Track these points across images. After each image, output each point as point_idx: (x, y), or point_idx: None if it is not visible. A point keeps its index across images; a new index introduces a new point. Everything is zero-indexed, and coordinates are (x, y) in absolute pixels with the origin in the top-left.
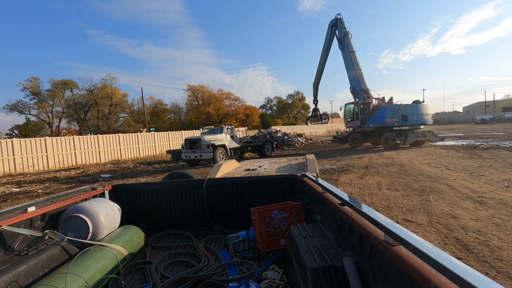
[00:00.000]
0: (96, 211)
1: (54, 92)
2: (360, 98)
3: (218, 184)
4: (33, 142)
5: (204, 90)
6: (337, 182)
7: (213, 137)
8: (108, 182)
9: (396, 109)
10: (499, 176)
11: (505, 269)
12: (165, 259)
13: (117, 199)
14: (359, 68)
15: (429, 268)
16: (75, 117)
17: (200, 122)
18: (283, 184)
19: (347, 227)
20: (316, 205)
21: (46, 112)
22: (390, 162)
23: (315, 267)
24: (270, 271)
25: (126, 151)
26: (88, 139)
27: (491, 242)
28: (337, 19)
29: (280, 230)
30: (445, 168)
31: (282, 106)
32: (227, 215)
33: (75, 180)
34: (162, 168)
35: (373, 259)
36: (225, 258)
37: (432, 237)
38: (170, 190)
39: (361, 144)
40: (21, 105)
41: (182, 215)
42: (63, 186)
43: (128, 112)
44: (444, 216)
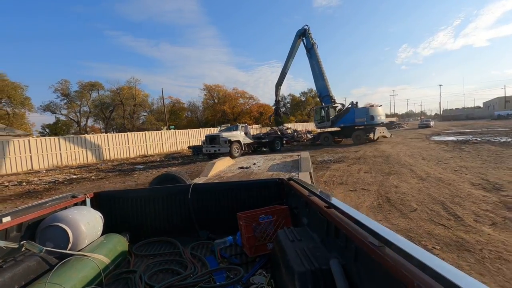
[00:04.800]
0: (77, 220)
1: (81, 93)
2: (326, 102)
3: (204, 189)
4: (75, 139)
5: (219, 89)
6: (328, 168)
7: (229, 134)
8: (143, 171)
9: (366, 111)
10: (459, 164)
11: (404, 209)
12: (150, 267)
13: (99, 207)
14: (325, 76)
15: (412, 267)
16: (100, 116)
17: (216, 120)
18: (270, 188)
19: (333, 229)
20: (302, 208)
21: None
22: (380, 154)
23: (303, 270)
24: (258, 276)
25: (151, 147)
26: (119, 136)
27: (405, 198)
28: (305, 29)
29: (267, 235)
30: (421, 158)
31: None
32: (214, 220)
33: (115, 170)
34: (186, 161)
35: (359, 261)
36: (211, 265)
37: (372, 197)
38: (154, 197)
39: (332, 141)
40: (53, 105)
41: (167, 221)
42: (109, 174)
43: (148, 111)
44: (390, 187)
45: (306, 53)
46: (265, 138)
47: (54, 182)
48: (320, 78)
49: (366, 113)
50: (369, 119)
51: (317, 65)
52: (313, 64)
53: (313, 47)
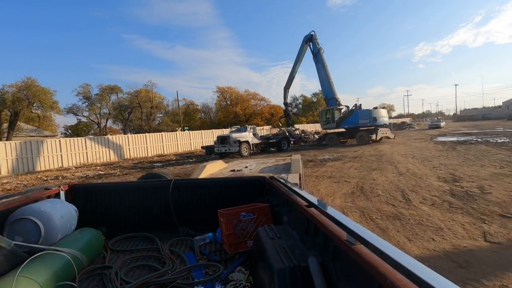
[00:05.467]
0: (49, 213)
1: (102, 96)
2: (332, 104)
3: (186, 185)
4: (100, 139)
5: (232, 91)
6: (324, 165)
7: (239, 134)
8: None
9: (368, 113)
10: (441, 162)
11: (370, 195)
12: (127, 263)
13: (74, 200)
14: (331, 80)
15: (386, 265)
16: (119, 117)
17: (228, 121)
18: (252, 186)
19: (313, 228)
20: (283, 207)
21: (95, 113)
22: (376, 153)
23: (281, 267)
24: (237, 272)
25: (167, 147)
26: (138, 137)
27: (376, 187)
28: (312, 35)
29: (247, 232)
30: (411, 157)
31: (307, 104)
32: (194, 216)
33: (136, 167)
34: (199, 160)
35: (337, 259)
36: (190, 261)
37: (350, 187)
38: (133, 191)
39: (337, 142)
40: (76, 108)
41: (146, 217)
42: (131, 170)
43: (163, 112)
44: (368, 180)
45: (313, 57)
46: (272, 139)
47: (86, 177)
48: (326, 81)
49: (369, 115)
50: (371, 120)
51: (323, 69)
52: (320, 68)
53: (319, 52)
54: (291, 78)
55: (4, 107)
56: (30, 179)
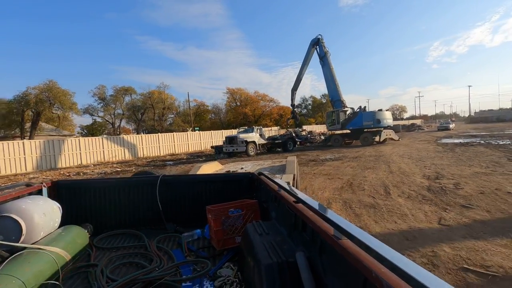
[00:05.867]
0: (31, 210)
1: (116, 97)
2: (337, 106)
3: (173, 181)
4: (115, 139)
5: (241, 92)
6: (324, 164)
7: (246, 135)
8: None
9: (372, 115)
10: (433, 162)
11: (357, 189)
12: (113, 260)
13: (58, 197)
14: (336, 82)
15: (371, 259)
16: (133, 118)
17: (238, 122)
18: (240, 182)
19: (300, 223)
20: (271, 202)
21: (110, 114)
22: (376, 154)
23: (269, 263)
24: (225, 268)
25: (179, 146)
26: (151, 137)
27: (363, 183)
28: (318, 39)
29: (235, 228)
30: (407, 158)
31: (316, 105)
32: (182, 213)
33: (150, 165)
34: (208, 159)
35: (324, 253)
36: (178, 258)
37: (341, 182)
38: (119, 187)
39: (342, 143)
40: (92, 108)
41: (132, 213)
42: (145, 168)
43: (175, 113)
44: (360, 177)
45: (319, 60)
46: (278, 139)
47: (104, 173)
48: (332, 84)
49: (373, 117)
50: (375, 122)
51: (329, 72)
52: (326, 71)
53: (326, 55)
54: (299, 80)
55: (28, 108)
56: (54, 175)
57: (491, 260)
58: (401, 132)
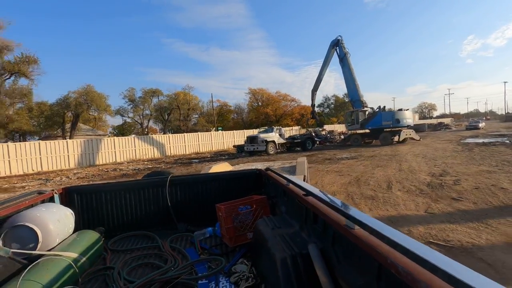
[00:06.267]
0: (45, 218)
1: (144, 98)
2: (357, 106)
3: (182, 181)
4: (145, 138)
5: (263, 92)
6: (338, 162)
7: (266, 135)
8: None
9: (391, 115)
10: (445, 161)
11: (362, 184)
12: (128, 262)
13: (70, 203)
14: (356, 82)
15: (385, 245)
16: (160, 118)
17: (260, 122)
18: (248, 179)
19: (311, 216)
20: (280, 197)
21: (139, 115)
22: (392, 153)
23: (283, 256)
24: (239, 264)
25: (203, 145)
26: (178, 136)
27: (370, 179)
28: (338, 40)
29: (246, 224)
30: (421, 157)
31: (339, 104)
32: (192, 212)
33: (177, 163)
34: (231, 157)
35: (336, 243)
36: (192, 256)
37: (349, 179)
38: (129, 190)
39: (361, 142)
40: (122, 109)
41: (144, 215)
42: (173, 165)
43: (199, 113)
44: (368, 174)
45: (339, 61)
46: (297, 139)
47: (138, 170)
48: (352, 84)
49: (392, 116)
50: (394, 122)
51: (349, 72)
52: (346, 72)
53: (345, 56)
54: (319, 81)
55: (68, 110)
56: (94, 171)
57: (454, 237)
58: (426, 131)
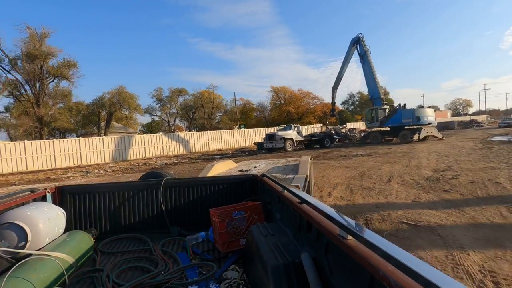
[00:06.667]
0: (36, 217)
1: (171, 98)
2: (377, 104)
3: (176, 185)
4: (171, 135)
5: (285, 90)
6: (351, 159)
7: (284, 132)
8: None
9: (412, 112)
10: (456, 158)
11: (365, 178)
12: (118, 265)
13: (62, 203)
14: (376, 80)
15: (378, 257)
16: (185, 116)
17: (282, 119)
18: (243, 184)
19: (305, 224)
20: (275, 204)
21: (166, 113)
22: (407, 151)
23: (276, 264)
24: (231, 271)
25: (225, 143)
26: (202, 134)
27: (374, 173)
28: (359, 37)
29: (240, 230)
30: (435, 154)
31: (364, 101)
32: (186, 216)
33: (201, 158)
34: (251, 154)
35: (329, 253)
36: (183, 261)
37: (355, 173)
38: (123, 192)
39: (381, 140)
40: (151, 108)
41: (137, 218)
42: (197, 160)
43: (222, 111)
44: (375, 169)
45: (359, 59)
46: (316, 136)
47: (165, 164)
48: (372, 81)
49: (412, 114)
50: (414, 120)
51: (370, 70)
52: (366, 69)
53: (366, 54)
54: (339, 79)
55: (103, 109)
56: (127, 164)
57: (425, 219)
58: (456, 129)
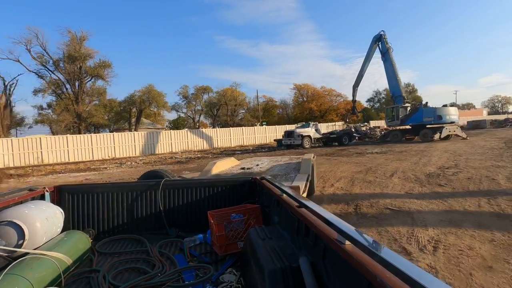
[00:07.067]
0: (33, 215)
1: (196, 95)
2: (398, 102)
3: (175, 186)
4: (196, 131)
5: (308, 87)
6: (364, 156)
7: (302, 130)
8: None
9: (433, 111)
10: (467, 157)
11: (370, 172)
12: (115, 266)
13: (60, 202)
14: (398, 78)
15: (375, 263)
16: (209, 113)
17: (304, 117)
18: (242, 187)
19: (303, 228)
20: (274, 207)
21: (191, 110)
22: (423, 149)
23: (273, 268)
24: (228, 274)
25: (247, 139)
26: (224, 130)
27: (379, 169)
28: (381, 35)
29: (238, 233)
30: (449, 153)
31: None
32: (184, 218)
33: (223, 154)
34: (270, 150)
35: (327, 258)
36: (180, 263)
37: (363, 168)
38: (121, 192)
39: (401, 139)
40: (177, 105)
41: (134, 218)
42: (219, 155)
43: (245, 109)
44: (383, 165)
45: (381, 57)
46: (334, 134)
47: (189, 158)
48: (394, 79)
49: (433, 113)
50: (436, 118)
51: (391, 67)
52: (387, 67)
53: (388, 51)
54: (360, 77)
55: (134, 106)
56: (155, 158)
57: (408, 206)
58: (487, 128)
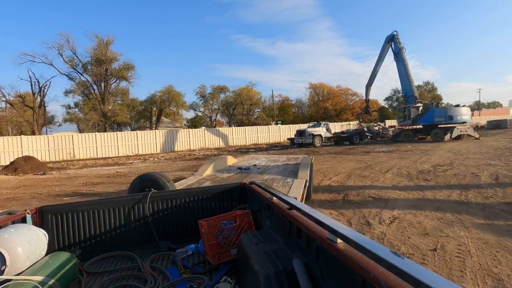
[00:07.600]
0: (14, 240)
1: (213, 94)
2: (410, 102)
3: (163, 197)
4: (212, 130)
5: (323, 86)
6: (369, 155)
7: (313, 129)
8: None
9: (444, 111)
10: (468, 156)
11: (368, 168)
12: (105, 285)
13: (43, 224)
14: (410, 78)
15: (368, 260)
16: (226, 112)
17: (319, 116)
18: (232, 193)
19: (295, 230)
20: (265, 211)
21: (208, 109)
22: (429, 149)
23: (267, 273)
24: (222, 283)
25: (261, 138)
26: (239, 129)
27: (377, 166)
28: (394, 35)
29: (230, 240)
30: (452, 152)
31: None
32: (175, 229)
33: (237, 152)
34: (282, 148)
35: (320, 258)
36: (174, 276)
37: (363, 165)
38: (108, 209)
39: (413, 138)
40: (195, 104)
41: (123, 234)
42: (234, 153)
43: (261, 108)
44: (383, 163)
45: (394, 57)
46: (345, 133)
47: (206, 155)
48: (406, 79)
49: (444, 113)
50: (447, 118)
51: (404, 67)
52: (400, 67)
53: (400, 51)
54: (373, 77)
55: (154, 106)
56: (175, 155)
57: (387, 195)
58: (508, 128)
